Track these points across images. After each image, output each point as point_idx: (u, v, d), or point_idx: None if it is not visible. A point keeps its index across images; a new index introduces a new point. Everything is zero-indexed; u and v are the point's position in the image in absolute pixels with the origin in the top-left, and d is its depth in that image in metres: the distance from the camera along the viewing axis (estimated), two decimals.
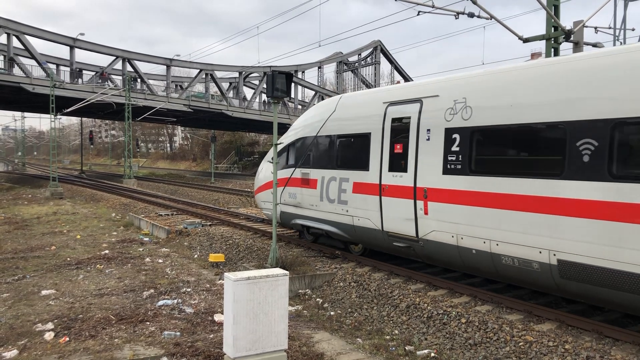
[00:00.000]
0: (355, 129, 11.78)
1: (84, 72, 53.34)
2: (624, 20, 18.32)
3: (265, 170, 15.28)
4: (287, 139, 14.25)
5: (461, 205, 8.95)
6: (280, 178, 13.95)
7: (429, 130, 9.75)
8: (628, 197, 6.76)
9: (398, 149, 10.55)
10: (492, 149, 8.62)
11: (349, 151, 11.94)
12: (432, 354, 7.64)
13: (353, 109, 12.23)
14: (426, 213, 9.63)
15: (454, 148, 9.18)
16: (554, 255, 7.58)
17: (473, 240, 8.76)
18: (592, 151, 7.16)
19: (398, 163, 10.43)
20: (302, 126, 13.89)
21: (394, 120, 10.70)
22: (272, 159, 12.19)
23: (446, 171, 9.25)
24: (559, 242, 7.48)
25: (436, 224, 9.44)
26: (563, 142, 7.46)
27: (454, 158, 9.18)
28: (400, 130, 10.48)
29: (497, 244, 8.35)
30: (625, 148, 6.88)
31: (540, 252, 7.76)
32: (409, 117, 10.27)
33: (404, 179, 10.20)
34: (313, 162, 13.08)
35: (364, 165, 11.30)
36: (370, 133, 11.24)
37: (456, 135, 9.17)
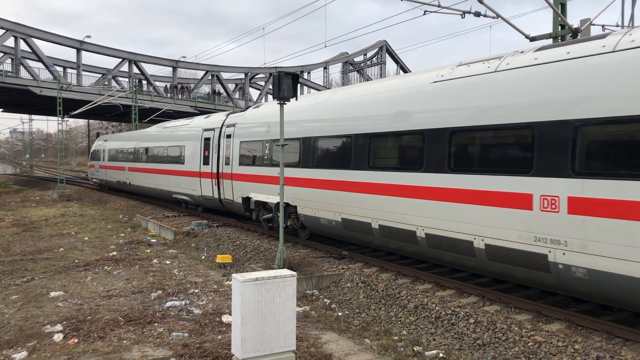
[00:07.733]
0: (102, 147, 36.58)
1: (89, 74, 53.61)
2: (632, 18, 18.15)
3: (90, 159, 40.30)
4: (94, 148, 39.01)
5: (110, 170, 34.43)
6: (92, 164, 39.22)
7: (105, 148, 36.05)
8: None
9: (103, 154, 36.25)
10: (118, 156, 33.23)
11: (100, 155, 36.87)
12: (441, 355, 7.61)
13: (114, 140, 35.18)
14: (106, 173, 35.67)
15: (108, 154, 35.11)
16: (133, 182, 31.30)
17: (115, 178, 33.55)
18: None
19: (104, 157, 35.91)
20: (99, 142, 37.88)
21: (107, 144, 35.96)
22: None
23: (108, 160, 34.88)
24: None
25: (109, 176, 34.98)
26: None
27: (108, 156, 35.01)
28: (104, 149, 36.21)
29: (131, 181, 30.29)
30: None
31: (126, 178, 31.56)
32: (102, 145, 37.14)
33: (103, 163, 36.28)
34: (95, 159, 38.38)
35: (102, 159, 36.24)
36: (103, 149, 36.22)
37: (107, 150, 35.51)
